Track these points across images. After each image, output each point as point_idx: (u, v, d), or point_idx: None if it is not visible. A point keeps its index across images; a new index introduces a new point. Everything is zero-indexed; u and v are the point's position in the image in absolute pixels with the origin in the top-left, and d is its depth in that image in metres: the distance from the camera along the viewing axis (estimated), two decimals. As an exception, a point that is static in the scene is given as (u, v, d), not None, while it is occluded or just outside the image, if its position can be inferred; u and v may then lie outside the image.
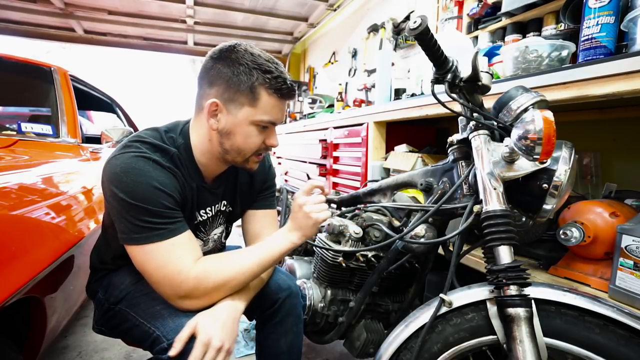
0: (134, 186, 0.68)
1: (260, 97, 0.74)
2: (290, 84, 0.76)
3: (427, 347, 0.69)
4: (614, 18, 0.86)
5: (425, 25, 0.67)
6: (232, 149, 0.78)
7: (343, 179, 1.91)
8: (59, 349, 1.48)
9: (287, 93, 0.76)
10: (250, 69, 0.72)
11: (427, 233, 0.80)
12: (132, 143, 0.74)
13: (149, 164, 0.71)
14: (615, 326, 0.55)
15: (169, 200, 0.71)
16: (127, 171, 0.69)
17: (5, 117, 1.75)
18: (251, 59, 0.73)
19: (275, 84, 0.74)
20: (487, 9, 1.48)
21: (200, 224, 0.87)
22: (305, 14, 3.78)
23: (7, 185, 0.81)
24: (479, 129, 0.72)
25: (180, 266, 0.69)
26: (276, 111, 0.77)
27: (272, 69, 0.73)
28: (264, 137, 0.79)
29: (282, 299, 0.85)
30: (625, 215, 0.81)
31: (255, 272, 0.76)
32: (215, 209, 0.90)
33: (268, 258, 0.77)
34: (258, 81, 0.72)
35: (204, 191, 0.84)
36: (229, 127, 0.76)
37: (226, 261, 0.75)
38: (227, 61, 0.73)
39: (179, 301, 0.71)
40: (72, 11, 3.49)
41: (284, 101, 0.78)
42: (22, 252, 0.73)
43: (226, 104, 0.74)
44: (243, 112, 0.74)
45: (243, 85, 0.72)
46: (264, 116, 0.75)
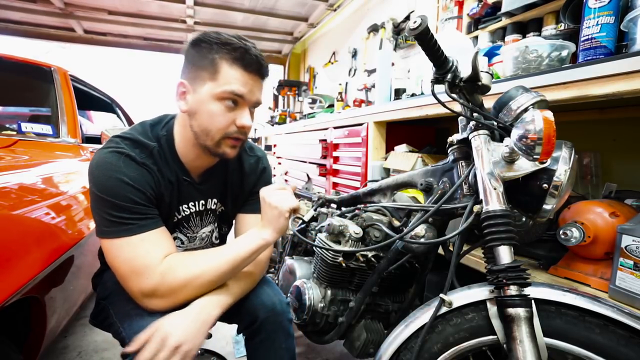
0: (104, 180, 0.69)
1: (220, 69, 0.71)
2: (255, 55, 0.73)
3: (427, 347, 0.69)
4: (614, 18, 0.86)
5: (425, 25, 0.67)
6: (200, 130, 0.75)
7: (343, 179, 1.91)
8: (59, 349, 1.48)
9: (251, 64, 0.73)
10: (211, 44, 0.71)
11: (427, 233, 0.80)
12: (114, 138, 0.75)
13: (121, 159, 0.71)
14: (616, 326, 0.55)
15: (139, 196, 0.71)
16: (99, 165, 0.71)
17: (5, 117, 1.75)
18: (215, 37, 0.72)
19: (236, 54, 0.71)
20: (487, 9, 1.47)
21: (184, 219, 0.86)
22: (305, 14, 3.78)
23: (7, 185, 0.81)
24: (479, 129, 0.72)
25: (147, 261, 0.68)
26: (240, 83, 0.72)
27: (234, 42, 0.72)
28: (233, 117, 0.75)
29: (263, 318, 0.80)
30: (626, 215, 0.81)
31: (225, 271, 0.73)
32: (201, 205, 0.87)
33: (238, 257, 0.74)
34: (218, 54, 0.71)
35: (186, 185, 0.82)
36: (194, 106, 0.74)
37: (194, 258, 0.73)
38: (194, 44, 0.74)
39: (145, 300, 0.69)
40: (72, 11, 3.49)
41: (251, 74, 0.74)
42: (22, 252, 0.73)
43: (191, 82, 0.74)
44: (205, 88, 0.72)
45: (204, 61, 0.72)
46: (225, 86, 0.72)
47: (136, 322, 0.68)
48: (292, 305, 1.05)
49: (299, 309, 1.00)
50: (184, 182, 0.82)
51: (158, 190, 0.76)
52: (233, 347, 1.53)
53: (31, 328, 0.85)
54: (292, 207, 0.76)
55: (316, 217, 1.23)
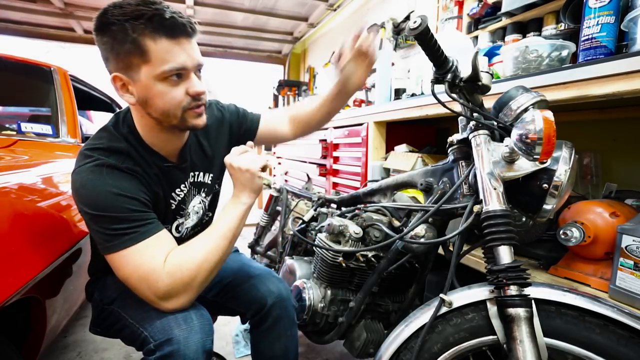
0: (94, 197, 0.67)
1: (147, 47, 0.65)
2: (171, 16, 0.65)
3: (427, 347, 0.69)
4: (614, 18, 0.86)
5: (425, 25, 0.67)
6: (160, 115, 0.72)
7: (343, 179, 1.91)
8: (59, 349, 1.48)
9: (173, 28, 0.66)
10: (122, 22, 0.63)
11: (427, 233, 0.80)
12: (85, 152, 0.73)
13: (103, 171, 0.69)
14: (616, 326, 0.55)
15: (133, 204, 0.69)
16: (84, 185, 0.68)
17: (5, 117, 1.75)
18: (120, 12, 0.64)
19: (153, 25, 0.64)
20: (487, 9, 1.47)
21: (180, 203, 0.86)
22: (305, 14, 3.78)
23: (7, 185, 0.81)
24: (479, 129, 0.72)
25: (152, 265, 0.67)
26: (173, 55, 0.67)
27: (143, 9, 0.64)
28: (184, 88, 0.71)
29: (270, 304, 0.83)
30: (626, 215, 0.81)
31: (224, 246, 0.74)
32: (188, 183, 0.87)
33: (231, 227, 0.75)
34: (135, 32, 0.64)
35: (171, 171, 0.82)
36: (142, 95, 0.70)
37: (193, 247, 0.72)
38: (102, 29, 0.66)
39: (163, 303, 0.68)
40: (72, 11, 3.49)
41: (179, 39, 0.67)
42: (22, 252, 0.73)
43: (125, 73, 0.68)
44: (143, 73, 0.67)
45: (126, 45, 0.65)
46: (163, 66, 0.66)
47: (159, 321, 0.68)
48: None
49: (299, 309, 1.00)
50: (167, 169, 0.81)
51: (150, 190, 0.76)
52: (233, 347, 1.53)
53: (31, 328, 0.85)
54: (262, 165, 0.77)
55: (316, 217, 1.23)
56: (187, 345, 0.64)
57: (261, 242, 1.76)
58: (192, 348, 0.65)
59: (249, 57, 5.00)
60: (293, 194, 1.57)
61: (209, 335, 0.70)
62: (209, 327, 0.71)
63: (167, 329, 0.66)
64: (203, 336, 0.67)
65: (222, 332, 1.60)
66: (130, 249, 0.67)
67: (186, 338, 0.65)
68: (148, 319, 0.71)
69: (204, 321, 0.70)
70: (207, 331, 0.69)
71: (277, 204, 1.66)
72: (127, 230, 0.68)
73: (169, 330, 0.66)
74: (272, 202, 1.68)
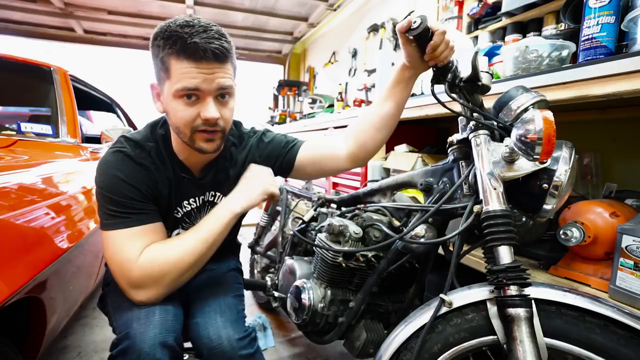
0: (104, 177, 0.74)
1: (170, 66, 0.69)
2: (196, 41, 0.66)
3: (427, 347, 0.69)
4: (615, 18, 0.86)
5: (425, 25, 0.67)
6: (174, 129, 0.77)
7: (343, 178, 1.91)
8: (59, 349, 1.48)
9: (196, 52, 0.67)
10: (159, 41, 0.69)
11: (427, 233, 0.80)
12: (120, 138, 0.80)
13: (119, 157, 0.76)
14: (616, 326, 0.55)
15: (133, 192, 0.74)
16: (102, 163, 0.76)
17: (5, 117, 1.75)
18: (164, 29, 0.69)
19: (177, 47, 0.67)
20: (487, 8, 1.47)
21: (185, 215, 0.87)
22: (305, 13, 3.78)
23: (7, 185, 0.81)
24: (479, 129, 0.72)
25: (129, 254, 0.70)
26: (190, 75, 0.68)
27: (178, 32, 0.67)
28: (197, 110, 0.72)
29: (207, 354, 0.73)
30: (626, 215, 0.81)
31: (202, 250, 0.74)
32: (200, 200, 0.88)
33: (212, 233, 0.75)
34: (165, 51, 0.69)
35: (186, 182, 0.83)
36: (165, 107, 0.76)
37: (170, 245, 0.74)
38: (152, 40, 0.72)
39: (131, 292, 0.71)
40: (72, 11, 3.49)
41: (200, 62, 0.68)
42: (22, 252, 0.73)
43: (159, 84, 0.75)
44: (166, 88, 0.72)
45: (157, 61, 0.71)
46: (177, 85, 0.69)
47: (126, 314, 0.70)
48: (292, 305, 1.05)
49: (299, 309, 1.00)
50: (183, 178, 0.83)
51: (154, 188, 0.79)
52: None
53: (31, 328, 0.85)
54: (272, 193, 0.81)
55: (316, 217, 1.23)
56: (142, 339, 0.64)
57: (261, 242, 1.76)
58: (147, 343, 0.64)
59: (249, 57, 5.00)
60: (293, 194, 1.57)
61: (171, 331, 0.68)
62: (172, 323, 0.70)
63: (128, 322, 0.67)
64: (162, 332, 0.66)
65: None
66: (117, 232, 0.72)
67: (142, 333, 0.65)
68: (119, 310, 0.73)
69: (167, 316, 0.70)
70: (169, 327, 0.68)
71: (277, 204, 1.66)
72: (120, 214, 0.72)
73: (129, 324, 0.67)
74: (272, 202, 1.68)
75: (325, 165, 0.94)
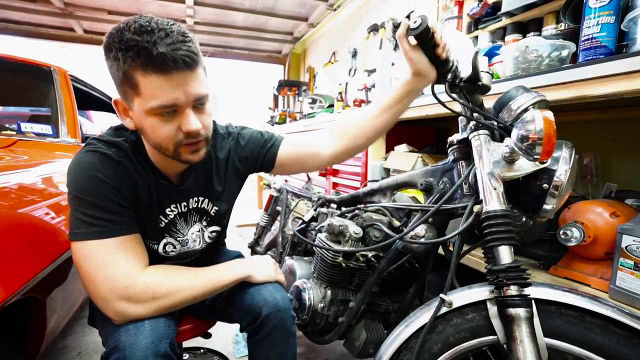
0: (79, 178, 0.67)
1: (137, 82, 0.61)
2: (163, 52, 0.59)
3: (427, 347, 0.69)
4: (614, 18, 0.86)
5: (425, 25, 0.67)
6: (154, 145, 0.71)
7: (343, 179, 1.91)
8: (59, 349, 1.48)
9: (164, 63, 0.60)
10: (117, 51, 0.60)
11: (427, 233, 0.80)
12: (90, 141, 0.74)
13: (96, 156, 0.69)
14: (616, 326, 0.55)
15: (115, 194, 0.68)
16: (75, 164, 0.69)
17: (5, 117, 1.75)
18: (119, 38, 0.60)
19: (142, 59, 0.59)
20: (487, 8, 1.47)
21: (170, 223, 0.84)
22: (305, 14, 3.78)
23: (7, 185, 0.81)
24: (479, 129, 0.72)
25: (127, 268, 0.66)
26: (164, 91, 0.62)
27: (137, 42, 0.59)
28: (177, 124, 0.67)
29: (265, 314, 0.80)
30: (626, 215, 0.81)
31: (205, 291, 0.75)
32: (183, 206, 0.85)
33: (220, 282, 0.77)
34: (126, 64, 0.60)
35: (165, 188, 0.80)
36: (137, 123, 0.69)
37: (180, 273, 0.74)
38: (105, 51, 0.63)
39: (124, 304, 0.65)
40: (72, 11, 3.49)
41: (171, 74, 0.61)
42: (22, 252, 0.73)
43: (124, 99, 0.67)
44: (136, 105, 0.65)
45: (119, 74, 0.62)
46: (152, 102, 0.62)
47: (114, 326, 0.67)
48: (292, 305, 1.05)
49: (299, 309, 1.00)
50: (162, 185, 0.79)
51: (135, 190, 0.74)
52: (233, 347, 1.53)
53: (31, 328, 0.85)
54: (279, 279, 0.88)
55: (316, 217, 1.23)
56: (132, 351, 0.62)
57: (261, 242, 1.76)
58: (138, 354, 0.62)
59: (249, 57, 5.00)
60: (293, 194, 1.57)
61: (164, 338, 0.66)
62: (165, 330, 0.67)
63: (117, 335, 0.65)
64: (155, 340, 0.64)
65: (222, 333, 1.60)
66: (100, 242, 0.66)
67: (132, 344, 0.63)
68: (106, 324, 0.70)
69: (157, 325, 0.67)
70: (162, 335, 0.66)
71: (277, 204, 1.66)
72: (99, 222, 0.66)
73: (117, 337, 0.64)
74: (272, 202, 1.68)
75: (306, 163, 0.96)
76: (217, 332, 1.11)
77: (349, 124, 0.92)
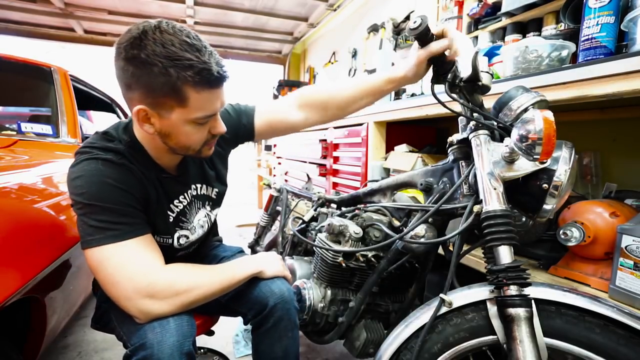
0: (88, 187, 0.67)
1: (187, 95, 0.66)
2: (217, 71, 0.66)
3: (427, 347, 0.69)
4: (614, 18, 0.86)
5: (425, 25, 0.67)
6: (179, 147, 0.74)
7: (343, 179, 1.91)
8: (59, 349, 1.48)
9: (217, 80, 0.67)
10: (166, 67, 0.62)
11: (427, 233, 0.80)
12: (83, 149, 0.73)
13: (99, 163, 0.70)
14: (615, 326, 0.55)
15: (127, 197, 0.70)
16: (80, 175, 0.68)
17: (5, 117, 1.75)
18: (164, 53, 0.62)
19: (201, 78, 0.64)
20: (487, 9, 1.47)
21: (180, 214, 0.86)
22: (305, 14, 3.78)
23: (7, 185, 0.81)
24: (479, 129, 0.72)
25: (147, 267, 0.68)
26: (211, 103, 0.70)
27: (193, 61, 0.63)
28: (208, 128, 0.74)
29: (272, 305, 0.82)
30: (626, 215, 0.81)
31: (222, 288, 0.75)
32: (189, 195, 0.88)
33: (235, 278, 0.78)
34: (180, 80, 0.63)
35: (170, 181, 0.82)
36: (166, 130, 0.70)
37: (198, 270, 0.75)
38: (137, 62, 0.63)
39: (145, 301, 0.66)
40: (72, 11, 3.49)
41: (217, 88, 0.69)
42: (22, 252, 0.73)
43: (154, 108, 0.67)
44: (175, 115, 0.68)
45: (165, 88, 0.64)
46: (199, 113, 0.69)
47: (138, 324, 0.67)
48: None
49: (299, 309, 1.00)
50: (166, 179, 0.81)
51: (144, 191, 0.75)
52: (233, 347, 1.53)
53: (31, 328, 0.85)
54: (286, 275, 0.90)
55: (316, 217, 1.23)
56: (160, 349, 0.63)
57: (261, 242, 1.76)
58: (166, 352, 0.63)
59: (249, 57, 5.00)
60: (293, 194, 1.57)
61: (188, 337, 0.67)
62: (188, 328, 0.69)
63: (142, 333, 0.65)
64: (180, 338, 0.65)
65: (223, 332, 1.60)
66: (118, 245, 0.66)
67: (160, 342, 0.63)
68: (127, 323, 0.70)
69: (182, 323, 0.68)
70: (186, 333, 0.67)
71: (277, 204, 1.66)
72: (114, 226, 0.67)
73: (143, 335, 0.65)
74: (272, 202, 1.68)
75: (279, 130, 1.03)
76: (217, 332, 1.11)
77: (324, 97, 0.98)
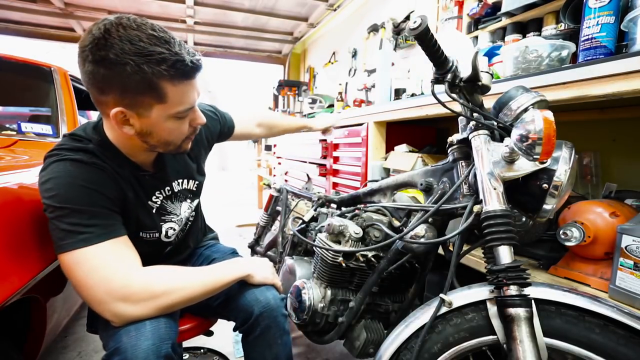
0: (57, 189, 0.65)
1: (165, 90, 0.65)
2: (191, 60, 0.65)
3: (427, 347, 0.69)
4: (614, 18, 0.86)
5: (425, 25, 0.67)
6: (160, 144, 0.73)
7: (343, 179, 1.91)
8: (59, 349, 1.48)
9: (192, 70, 0.66)
10: (138, 65, 0.60)
11: (427, 233, 0.80)
12: (51, 152, 0.72)
13: (69, 164, 0.68)
14: (615, 326, 0.55)
15: (98, 198, 0.68)
16: (49, 178, 0.66)
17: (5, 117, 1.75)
18: (133, 50, 0.60)
19: (176, 71, 0.63)
20: (487, 9, 1.47)
21: (161, 208, 0.85)
22: (305, 14, 3.78)
23: (7, 185, 0.81)
24: (479, 129, 0.72)
25: (121, 269, 0.65)
26: (189, 95, 0.69)
27: (165, 54, 0.62)
28: (189, 121, 0.75)
29: (257, 313, 0.81)
30: (625, 215, 0.81)
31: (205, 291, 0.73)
32: (167, 190, 0.86)
33: (219, 281, 0.76)
34: (155, 76, 0.62)
35: (147, 179, 0.81)
36: (146, 129, 0.69)
37: (179, 272, 0.73)
38: (107, 64, 0.61)
39: (121, 305, 0.64)
40: (72, 11, 3.49)
41: (193, 80, 0.69)
42: (22, 252, 0.73)
43: (131, 109, 0.66)
44: (155, 112, 0.67)
45: (141, 86, 0.63)
46: (179, 107, 0.68)
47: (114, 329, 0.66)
48: (292, 305, 1.05)
49: (299, 309, 1.00)
50: (142, 176, 0.80)
51: (118, 190, 0.73)
52: (233, 347, 1.53)
53: (31, 328, 0.85)
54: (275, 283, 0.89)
55: (316, 217, 1.23)
56: (134, 353, 0.61)
57: (261, 242, 1.76)
58: (140, 356, 0.61)
59: (249, 57, 5.00)
60: (293, 194, 1.57)
61: (166, 340, 0.65)
62: (166, 331, 0.66)
63: (117, 337, 0.64)
64: (156, 342, 0.63)
65: (222, 332, 1.60)
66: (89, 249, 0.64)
67: (134, 346, 0.62)
68: (107, 327, 0.68)
69: (159, 325, 0.66)
70: (163, 336, 0.65)
71: (277, 204, 1.66)
72: (87, 229, 0.65)
73: (118, 339, 0.63)
74: (272, 202, 1.68)
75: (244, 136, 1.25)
76: (218, 332, 1.11)
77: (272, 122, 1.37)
